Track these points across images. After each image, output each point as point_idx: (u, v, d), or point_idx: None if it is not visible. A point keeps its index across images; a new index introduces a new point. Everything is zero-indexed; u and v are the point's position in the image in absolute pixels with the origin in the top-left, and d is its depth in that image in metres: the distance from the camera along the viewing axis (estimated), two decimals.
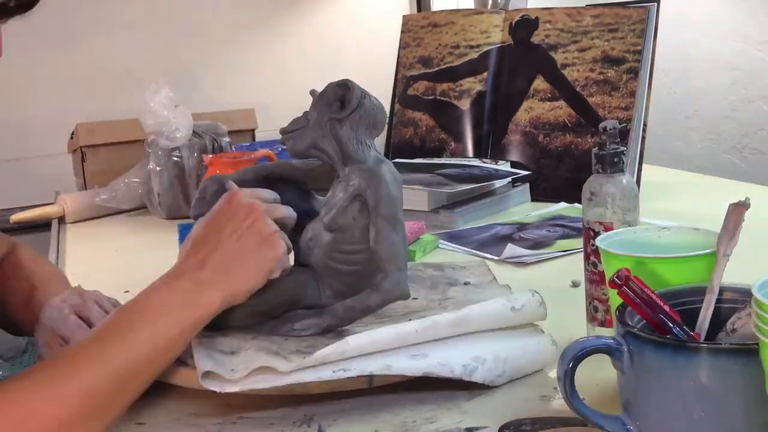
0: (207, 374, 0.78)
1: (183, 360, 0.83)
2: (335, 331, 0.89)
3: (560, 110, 1.66)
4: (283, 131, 0.96)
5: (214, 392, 0.80)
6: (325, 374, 0.78)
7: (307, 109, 0.96)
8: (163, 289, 0.82)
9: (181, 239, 0.99)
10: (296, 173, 1.00)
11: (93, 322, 0.96)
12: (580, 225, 1.08)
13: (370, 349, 0.80)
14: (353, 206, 0.92)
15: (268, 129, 2.07)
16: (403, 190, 0.95)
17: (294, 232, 0.95)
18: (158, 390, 0.86)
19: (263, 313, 0.90)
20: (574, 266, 1.15)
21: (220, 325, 0.87)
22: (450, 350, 0.83)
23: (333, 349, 0.78)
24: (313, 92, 0.96)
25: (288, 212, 0.91)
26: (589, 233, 0.90)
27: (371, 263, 0.92)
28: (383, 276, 0.89)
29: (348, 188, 0.92)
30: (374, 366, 0.79)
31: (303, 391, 0.80)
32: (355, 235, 0.92)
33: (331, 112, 0.93)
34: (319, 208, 0.98)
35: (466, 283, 1.04)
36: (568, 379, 0.67)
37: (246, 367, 0.79)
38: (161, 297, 0.81)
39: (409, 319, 0.89)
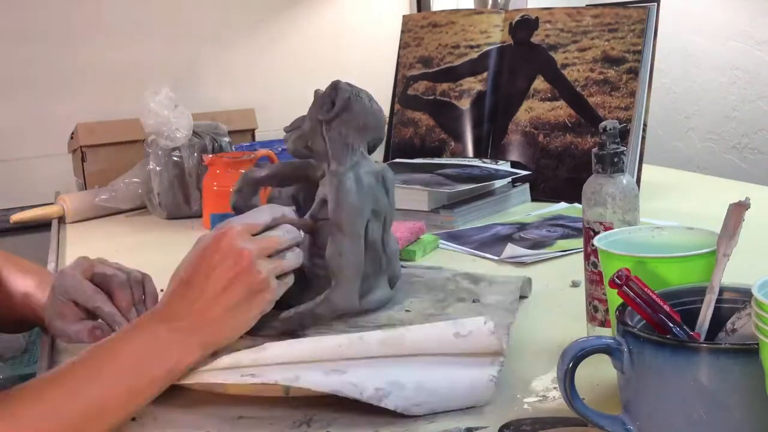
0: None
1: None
2: (293, 334, 0.89)
3: (560, 110, 1.66)
4: (285, 130, 0.97)
5: (214, 392, 0.81)
6: (232, 378, 0.78)
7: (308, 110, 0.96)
8: (141, 334, 0.80)
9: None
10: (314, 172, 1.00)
11: (108, 279, 0.96)
12: (580, 225, 1.08)
13: (289, 358, 0.78)
14: (323, 211, 0.92)
15: (268, 129, 2.08)
16: (384, 198, 0.94)
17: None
18: None
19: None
20: (574, 266, 1.15)
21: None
22: (371, 371, 0.78)
23: (247, 354, 0.79)
24: (316, 92, 0.96)
25: (286, 239, 0.86)
26: (589, 233, 0.90)
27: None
28: (332, 287, 0.89)
29: (320, 192, 0.93)
30: (282, 376, 0.77)
31: (223, 391, 0.80)
32: (325, 239, 0.93)
33: (321, 114, 0.94)
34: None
35: (474, 301, 0.99)
36: (568, 379, 0.67)
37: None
38: (137, 343, 0.79)
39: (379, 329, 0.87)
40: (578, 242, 1.28)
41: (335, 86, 0.93)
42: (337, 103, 0.92)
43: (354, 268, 0.90)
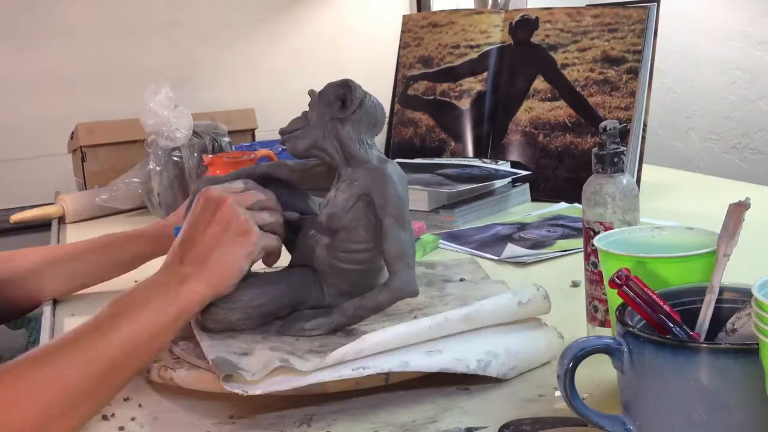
0: (228, 377, 0.78)
1: (193, 363, 0.85)
2: (344, 330, 0.90)
3: (560, 110, 1.66)
4: (283, 131, 0.96)
5: (214, 392, 0.81)
6: (345, 372, 0.78)
7: (306, 109, 0.96)
8: (146, 284, 0.86)
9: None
10: (291, 174, 1.00)
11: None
12: (580, 225, 1.08)
13: (386, 346, 0.80)
14: (358, 205, 0.92)
15: (268, 129, 2.08)
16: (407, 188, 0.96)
17: (291, 232, 0.96)
18: (158, 389, 0.86)
19: (270, 314, 0.91)
20: (574, 266, 1.15)
21: (228, 326, 0.88)
22: (463, 346, 0.84)
23: (351, 347, 0.79)
24: (311, 92, 0.95)
25: (261, 196, 0.92)
26: (589, 233, 0.90)
27: (376, 261, 0.93)
28: (392, 274, 0.89)
29: (352, 188, 0.92)
30: (392, 363, 0.79)
31: (321, 391, 0.79)
32: (359, 234, 0.92)
33: (333, 112, 0.93)
34: (315, 208, 0.98)
35: (461, 280, 1.05)
36: (568, 379, 0.67)
37: (264, 367, 0.78)
38: (143, 293, 0.84)
39: (415, 317, 0.90)
40: (578, 242, 1.28)
41: (348, 85, 0.93)
42: (354, 101, 0.93)
43: (411, 254, 0.91)
